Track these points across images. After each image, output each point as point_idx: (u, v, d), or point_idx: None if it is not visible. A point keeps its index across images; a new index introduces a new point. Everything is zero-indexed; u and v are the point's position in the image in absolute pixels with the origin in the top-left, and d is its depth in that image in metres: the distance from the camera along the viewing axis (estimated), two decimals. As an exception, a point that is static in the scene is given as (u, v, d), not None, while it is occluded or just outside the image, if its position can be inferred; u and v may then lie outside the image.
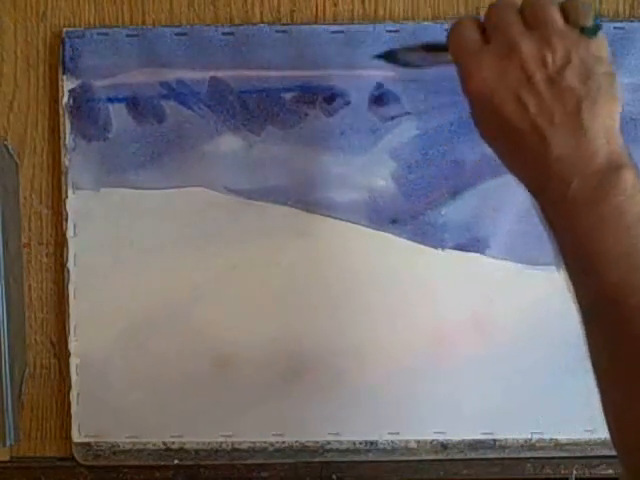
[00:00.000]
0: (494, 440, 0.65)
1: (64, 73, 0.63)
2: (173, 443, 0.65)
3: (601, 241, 0.41)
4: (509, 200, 0.63)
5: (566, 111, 0.42)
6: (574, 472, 0.66)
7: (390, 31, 0.62)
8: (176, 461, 0.66)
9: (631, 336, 0.40)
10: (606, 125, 0.42)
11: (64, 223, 0.64)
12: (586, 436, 0.65)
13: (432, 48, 0.51)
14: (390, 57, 0.54)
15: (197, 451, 0.65)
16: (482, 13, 0.64)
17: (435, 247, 0.64)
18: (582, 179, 0.41)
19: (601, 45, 0.44)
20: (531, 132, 0.43)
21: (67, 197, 0.64)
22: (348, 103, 0.63)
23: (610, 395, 0.42)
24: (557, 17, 0.43)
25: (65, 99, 0.63)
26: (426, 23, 0.63)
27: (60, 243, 0.65)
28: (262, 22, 0.63)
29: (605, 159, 0.41)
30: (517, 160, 0.45)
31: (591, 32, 0.43)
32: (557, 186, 0.42)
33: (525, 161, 0.44)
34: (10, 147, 0.64)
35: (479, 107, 0.45)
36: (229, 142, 0.63)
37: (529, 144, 0.43)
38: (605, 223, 0.41)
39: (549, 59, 0.43)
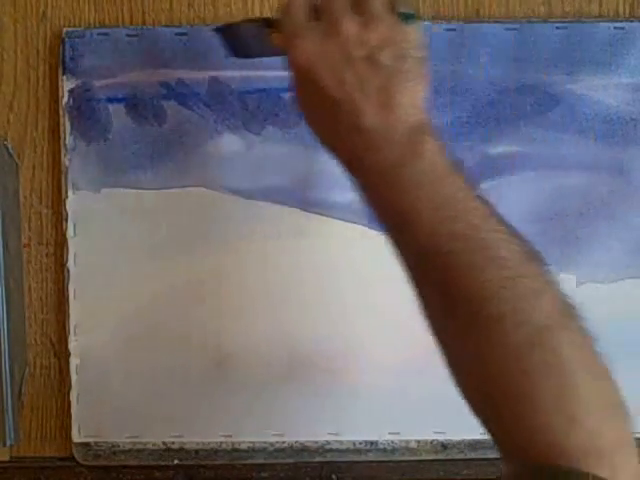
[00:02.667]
0: (494, 440, 0.65)
1: (64, 73, 0.63)
2: (173, 443, 0.65)
3: (411, 199, 0.45)
4: (509, 200, 0.63)
5: (379, 86, 0.46)
6: (574, 472, 0.66)
7: (390, 31, 0.62)
8: (176, 461, 0.66)
9: (450, 281, 0.44)
10: (413, 101, 0.46)
11: (64, 223, 0.64)
12: (586, 436, 0.65)
13: (269, 24, 0.52)
14: (229, 32, 0.54)
15: (197, 451, 0.65)
16: (482, 13, 0.64)
17: (435, 247, 0.64)
18: (390, 146, 0.45)
19: (415, 32, 0.48)
20: (346, 103, 0.46)
21: (67, 197, 0.64)
22: (348, 103, 0.63)
23: (448, 345, 0.46)
24: (379, 3, 0.47)
25: (65, 99, 0.63)
26: (426, 23, 0.63)
27: (60, 243, 0.65)
28: (262, 22, 0.63)
29: (410, 129, 0.46)
30: (334, 132, 0.48)
31: (406, 18, 0.48)
32: (369, 154, 0.46)
33: (341, 132, 0.47)
34: (10, 147, 0.64)
35: (300, 79, 0.48)
36: (229, 142, 0.63)
37: (344, 115, 0.47)
38: (412, 183, 0.45)
39: (367, 39, 0.46)
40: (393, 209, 0.46)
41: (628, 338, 0.64)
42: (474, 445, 0.65)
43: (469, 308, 0.43)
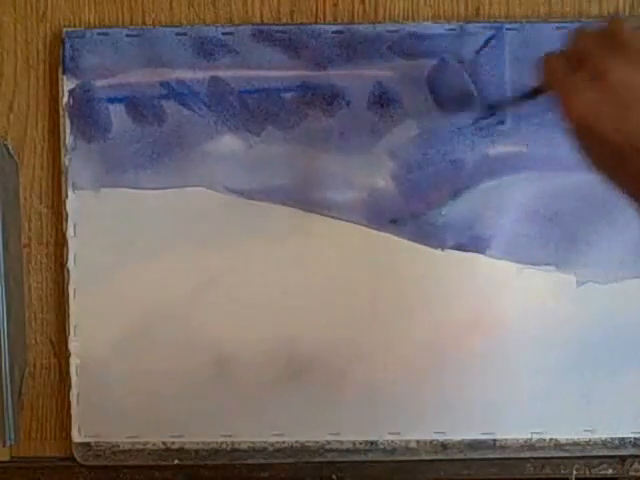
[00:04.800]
0: (494, 440, 0.65)
1: (64, 73, 0.63)
2: (173, 443, 0.65)
3: None
4: (509, 200, 0.63)
5: None
6: (574, 472, 0.66)
7: (390, 31, 0.63)
8: (176, 461, 0.66)
9: None
10: None
11: (64, 223, 0.64)
12: (586, 436, 0.65)
13: (535, 95, 0.55)
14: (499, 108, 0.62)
15: (197, 451, 0.65)
16: (482, 13, 0.64)
17: (435, 247, 0.64)
18: None
19: None
20: (628, 147, 0.45)
21: (67, 197, 0.64)
22: (348, 103, 0.63)
23: None
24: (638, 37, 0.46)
25: (65, 99, 0.63)
26: (426, 23, 0.63)
27: (60, 243, 0.65)
28: (262, 22, 0.63)
29: None
30: (625, 177, 0.47)
31: None
32: None
33: (632, 177, 0.46)
34: (10, 147, 0.64)
35: (583, 132, 0.47)
36: (229, 142, 0.63)
37: (629, 158, 0.45)
38: None
39: (636, 81, 0.45)
40: None
41: (628, 338, 0.64)
42: (474, 445, 0.65)
43: None
